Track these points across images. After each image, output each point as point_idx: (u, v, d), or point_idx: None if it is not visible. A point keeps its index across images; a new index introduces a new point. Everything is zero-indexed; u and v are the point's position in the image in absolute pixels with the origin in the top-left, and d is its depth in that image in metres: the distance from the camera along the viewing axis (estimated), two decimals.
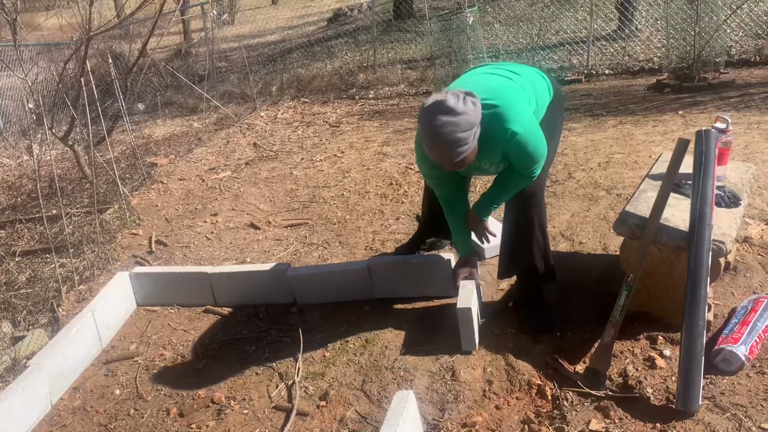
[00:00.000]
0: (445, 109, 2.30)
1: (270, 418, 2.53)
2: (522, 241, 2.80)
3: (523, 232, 2.78)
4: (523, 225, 2.78)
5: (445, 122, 2.29)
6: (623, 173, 4.41)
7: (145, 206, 5.08)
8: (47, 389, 2.72)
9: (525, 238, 2.79)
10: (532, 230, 2.76)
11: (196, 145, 6.92)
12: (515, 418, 2.37)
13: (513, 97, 2.53)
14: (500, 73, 2.71)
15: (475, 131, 2.36)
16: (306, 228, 4.28)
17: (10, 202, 5.63)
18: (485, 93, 2.47)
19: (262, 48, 13.50)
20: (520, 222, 2.79)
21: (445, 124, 2.29)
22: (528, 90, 2.66)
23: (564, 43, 8.82)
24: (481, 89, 2.49)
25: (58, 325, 3.33)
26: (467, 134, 2.32)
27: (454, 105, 2.30)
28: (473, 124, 2.33)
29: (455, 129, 2.29)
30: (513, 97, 2.53)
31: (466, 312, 2.65)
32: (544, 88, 2.79)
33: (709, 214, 2.36)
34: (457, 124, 2.29)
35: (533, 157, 2.55)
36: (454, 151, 2.33)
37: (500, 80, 2.66)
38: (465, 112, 2.30)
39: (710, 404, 2.27)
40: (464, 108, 2.31)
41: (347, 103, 8.28)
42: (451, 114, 2.29)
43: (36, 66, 7.91)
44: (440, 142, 2.33)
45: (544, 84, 2.81)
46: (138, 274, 3.46)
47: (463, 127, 2.30)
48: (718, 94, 6.28)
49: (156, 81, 9.98)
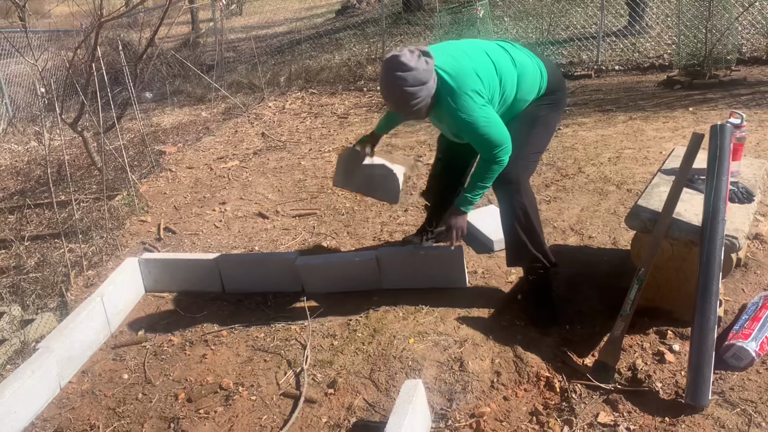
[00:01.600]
0: (397, 64, 2.47)
1: (278, 404, 2.54)
2: (510, 230, 2.82)
3: (509, 220, 2.80)
4: (507, 213, 2.80)
5: (396, 76, 2.47)
6: (633, 168, 4.40)
7: (154, 194, 5.09)
8: (56, 372, 2.73)
9: (510, 225, 2.80)
10: (515, 217, 2.77)
11: (205, 134, 6.92)
12: (523, 409, 2.38)
13: (468, 84, 2.58)
14: (494, 54, 2.73)
15: (426, 87, 2.51)
16: (314, 218, 4.28)
17: (19, 188, 5.64)
18: (451, 69, 2.60)
19: (271, 39, 13.48)
20: (504, 210, 2.82)
21: (396, 78, 2.47)
22: (507, 81, 2.70)
23: (574, 39, 8.79)
24: (450, 63, 2.62)
25: (67, 310, 3.35)
26: (415, 89, 2.48)
27: (406, 60, 2.46)
28: (421, 80, 2.48)
29: (404, 83, 2.46)
30: (469, 83, 2.58)
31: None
32: (534, 84, 2.81)
33: (722, 209, 2.36)
34: (404, 79, 2.45)
35: (488, 141, 2.61)
36: (403, 103, 2.53)
37: (479, 62, 2.67)
38: (415, 68, 2.46)
39: (720, 399, 2.26)
40: (416, 64, 2.46)
41: (355, 95, 8.26)
42: (402, 69, 2.46)
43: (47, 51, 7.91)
44: (391, 94, 2.55)
45: (536, 79, 2.81)
46: (147, 260, 3.46)
47: (411, 83, 2.46)
48: (728, 91, 6.25)
49: (164, 70, 9.98)
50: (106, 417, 2.57)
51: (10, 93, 8.45)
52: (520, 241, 2.80)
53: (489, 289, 3.16)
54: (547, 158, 4.80)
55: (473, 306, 3.00)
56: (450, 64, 2.62)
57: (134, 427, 2.49)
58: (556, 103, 2.92)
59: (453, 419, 2.34)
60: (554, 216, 3.83)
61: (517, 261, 2.94)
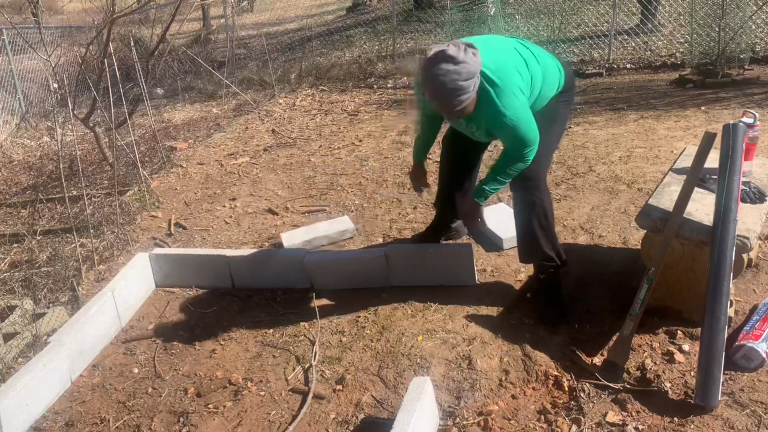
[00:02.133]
0: (446, 57, 2.36)
1: (286, 400, 2.55)
2: (526, 226, 2.81)
3: (526, 217, 2.79)
4: (524, 209, 2.78)
5: (447, 70, 2.34)
6: (644, 167, 4.38)
7: (165, 189, 5.12)
8: (67, 365, 2.76)
9: (527, 221, 2.79)
10: (533, 214, 2.75)
11: (215, 130, 6.95)
12: (531, 408, 2.37)
13: (513, 80, 2.54)
14: (521, 52, 2.70)
15: (474, 81, 2.40)
16: (323, 215, 4.29)
17: (31, 182, 5.69)
18: (492, 64, 2.51)
19: (281, 36, 13.50)
20: (521, 206, 2.80)
21: (447, 72, 2.34)
22: (536, 78, 2.67)
23: (585, 37, 8.75)
24: (491, 58, 2.53)
25: (78, 304, 3.37)
26: (468, 83, 2.37)
27: (455, 54, 2.35)
28: (473, 73, 2.38)
29: (457, 77, 2.34)
30: (513, 79, 2.54)
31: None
32: (555, 81, 2.80)
33: (734, 209, 2.34)
34: (458, 72, 2.34)
35: (523, 140, 2.56)
36: (455, 99, 2.39)
37: (515, 59, 2.65)
38: (465, 61, 2.35)
39: (729, 400, 2.25)
40: (465, 57, 2.36)
41: (365, 92, 8.27)
42: (453, 62, 2.34)
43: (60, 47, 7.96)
44: (442, 90, 2.38)
45: (556, 77, 2.80)
46: (157, 255, 3.48)
47: (464, 76, 2.35)
48: (741, 90, 6.21)
49: (176, 66, 10.02)
50: (116, 411, 2.59)
51: (23, 88, 8.51)
52: (535, 238, 2.79)
53: (498, 288, 3.16)
54: (558, 156, 4.79)
55: (482, 304, 3.00)
56: (489, 59, 2.52)
57: (144, 421, 2.51)
58: (569, 101, 2.93)
59: (461, 417, 2.35)
60: (564, 215, 3.81)
61: (531, 258, 2.94)
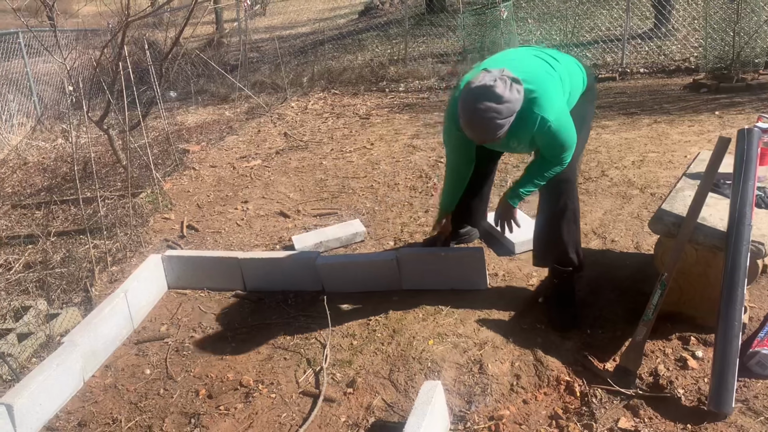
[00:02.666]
0: (491, 95, 2.32)
1: (297, 402, 2.55)
2: (554, 227, 2.78)
3: (556, 218, 2.77)
4: (556, 211, 2.76)
5: (489, 108, 2.32)
6: (657, 172, 4.35)
7: (177, 191, 5.15)
8: (80, 366, 2.78)
9: (557, 223, 2.77)
10: (564, 216, 2.74)
11: (228, 133, 6.99)
12: (543, 413, 2.36)
13: (550, 85, 2.52)
14: (543, 57, 2.70)
15: (513, 113, 2.38)
16: (335, 218, 4.30)
17: (45, 184, 5.74)
18: (524, 75, 2.48)
19: (294, 39, 13.56)
20: (553, 208, 2.77)
21: (489, 110, 2.32)
22: (565, 79, 2.66)
23: (598, 41, 8.72)
24: (521, 70, 2.50)
25: (91, 305, 3.40)
26: (507, 120, 2.37)
27: (501, 92, 2.32)
28: (514, 111, 2.37)
29: (497, 116, 2.33)
30: (550, 84, 2.53)
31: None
32: (579, 79, 2.80)
33: (748, 214, 2.32)
34: (499, 111, 2.32)
35: (563, 145, 2.56)
36: (490, 134, 2.40)
37: (541, 65, 2.64)
38: (509, 100, 2.33)
39: (743, 407, 2.23)
40: (509, 96, 2.33)
41: (377, 96, 8.28)
42: (497, 101, 2.32)
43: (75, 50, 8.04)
44: (480, 126, 2.38)
45: (580, 75, 2.80)
46: (170, 257, 3.50)
47: (504, 115, 2.34)
48: (756, 95, 6.16)
49: (189, 69, 10.08)
50: (128, 411, 2.60)
51: (38, 91, 8.60)
52: (562, 241, 2.77)
53: (510, 292, 3.15)
54: None
55: (494, 308, 2.99)
56: (520, 69, 2.50)
57: (155, 422, 2.52)
58: (593, 99, 2.92)
59: (472, 421, 2.34)
60: None
61: (548, 260, 2.92)
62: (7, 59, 8.13)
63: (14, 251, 4.20)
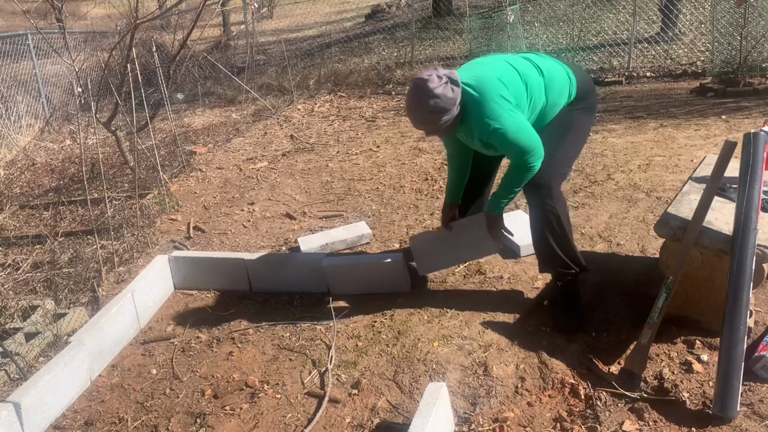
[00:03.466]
0: (423, 89, 2.54)
1: (302, 403, 2.56)
2: (539, 235, 2.81)
3: (538, 225, 2.79)
4: (537, 216, 2.78)
5: (419, 101, 2.56)
6: (663, 176, 4.35)
7: (184, 193, 5.17)
8: (87, 365, 2.80)
9: (540, 230, 2.79)
10: (546, 221, 2.75)
11: (234, 135, 7.02)
12: (547, 415, 2.37)
13: (493, 90, 2.61)
14: (516, 64, 2.76)
15: (448, 112, 2.57)
16: (341, 220, 4.31)
17: (53, 185, 5.78)
18: (475, 80, 2.65)
19: (300, 42, 13.60)
20: (534, 214, 2.79)
21: (419, 102, 2.57)
22: (534, 89, 2.71)
23: (605, 45, 8.71)
24: (475, 75, 2.68)
25: (98, 305, 3.42)
26: (436, 116, 2.57)
27: (433, 87, 2.53)
28: (444, 109, 2.56)
29: (425, 108, 2.56)
30: (494, 89, 2.61)
31: None
32: (564, 89, 2.80)
33: (754, 218, 2.32)
34: (427, 105, 2.54)
35: (521, 149, 2.61)
36: (420, 123, 2.65)
37: (502, 70, 2.71)
38: (439, 96, 2.53)
39: (748, 411, 2.23)
40: (441, 92, 2.53)
41: (383, 99, 8.30)
42: (426, 95, 2.53)
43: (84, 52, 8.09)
44: (412, 115, 2.66)
45: (565, 84, 2.80)
46: (176, 257, 3.52)
47: (431, 109, 2.54)
48: (763, 99, 6.15)
49: (196, 72, 10.13)
50: (134, 410, 2.62)
51: (46, 92, 8.65)
52: (551, 247, 2.79)
53: (515, 295, 3.15)
54: (576, 164, 4.77)
55: (499, 311, 2.99)
56: (471, 77, 2.67)
57: (161, 422, 2.53)
58: (588, 108, 2.91)
59: (476, 423, 2.34)
60: (582, 222, 3.80)
61: (548, 266, 2.93)
62: (16, 61, 8.18)
63: (22, 251, 4.23)
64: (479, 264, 3.44)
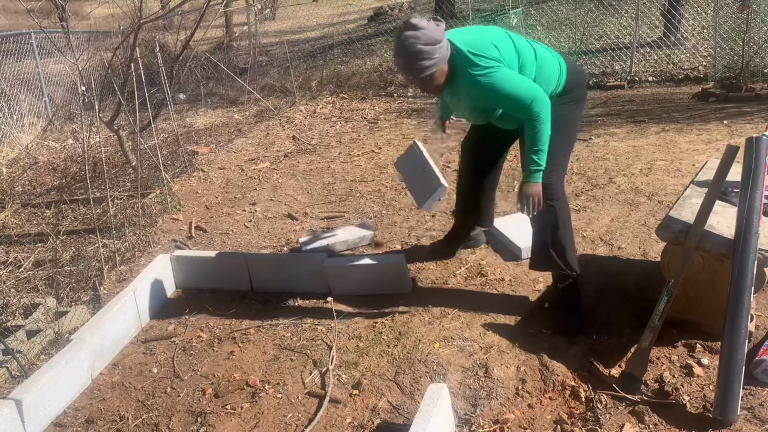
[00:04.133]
0: (409, 25, 2.55)
1: (303, 403, 2.56)
2: (538, 233, 2.83)
3: (539, 224, 2.81)
4: (539, 216, 2.78)
5: (408, 35, 2.53)
6: (665, 180, 4.36)
7: (186, 193, 5.18)
8: (89, 363, 2.80)
9: (541, 229, 2.80)
10: (547, 221, 2.76)
11: (237, 135, 7.03)
12: (548, 417, 2.37)
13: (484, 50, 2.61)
14: (514, 38, 2.76)
15: (438, 48, 2.53)
16: (342, 221, 4.32)
17: (55, 184, 5.78)
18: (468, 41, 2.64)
19: (303, 44, 13.61)
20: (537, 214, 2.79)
21: (408, 37, 2.52)
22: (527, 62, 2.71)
23: (607, 49, 8.72)
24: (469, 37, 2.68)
25: (100, 303, 3.42)
26: (428, 48, 2.52)
27: (416, 22, 2.54)
28: (435, 40, 2.52)
29: (416, 41, 2.51)
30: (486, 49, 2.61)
31: None
32: (553, 75, 2.78)
33: (756, 222, 2.33)
34: (418, 37, 2.51)
35: (517, 100, 2.58)
36: (417, 63, 2.54)
37: (499, 37, 2.71)
38: (426, 27, 2.53)
39: (749, 415, 2.23)
40: (426, 24, 2.54)
41: (385, 101, 8.31)
42: (414, 29, 2.52)
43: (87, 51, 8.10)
44: (404, 54, 2.55)
45: (555, 71, 2.79)
46: (178, 257, 3.53)
47: (423, 40, 2.51)
48: (765, 104, 6.16)
49: (199, 72, 10.14)
50: (135, 409, 2.62)
51: (49, 92, 8.66)
52: (546, 248, 2.80)
53: (516, 297, 3.16)
54: (578, 168, 4.78)
55: (500, 313, 3.00)
56: (464, 38, 2.67)
57: (162, 420, 2.54)
58: (576, 101, 2.90)
59: (477, 425, 2.35)
60: (584, 226, 3.81)
61: (540, 265, 2.94)
62: (19, 60, 8.20)
63: (24, 249, 4.24)
64: (481, 266, 3.45)
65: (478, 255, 3.58)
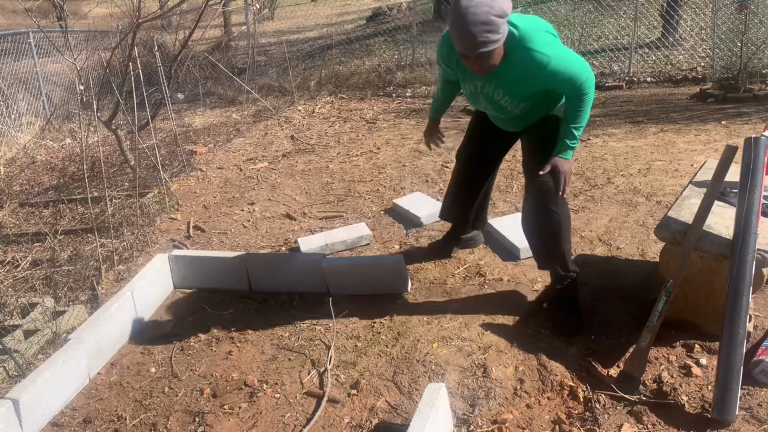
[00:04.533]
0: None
1: (301, 403, 2.56)
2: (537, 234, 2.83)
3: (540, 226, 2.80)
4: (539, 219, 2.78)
5: (481, 2, 2.27)
6: (663, 180, 4.36)
7: (184, 192, 5.18)
8: (86, 363, 2.79)
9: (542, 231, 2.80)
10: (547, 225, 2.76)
11: (235, 135, 7.02)
12: (546, 417, 2.37)
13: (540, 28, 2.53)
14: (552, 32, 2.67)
15: (504, 24, 2.34)
16: (340, 221, 4.31)
17: (53, 183, 5.77)
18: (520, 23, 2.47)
19: (301, 44, 13.60)
20: (536, 216, 2.79)
21: (481, 5, 2.27)
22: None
23: (605, 50, 8.73)
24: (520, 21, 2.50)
25: (98, 303, 3.42)
26: (498, 20, 2.30)
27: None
28: (505, 12, 2.32)
29: (490, 10, 2.27)
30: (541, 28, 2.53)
31: None
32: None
33: (754, 223, 2.33)
34: (491, 6, 2.27)
35: (571, 75, 2.49)
36: (483, 35, 2.30)
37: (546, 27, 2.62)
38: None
39: (747, 415, 2.23)
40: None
41: (384, 101, 8.31)
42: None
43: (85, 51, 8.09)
44: (473, 22, 2.28)
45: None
46: (176, 256, 3.52)
47: (496, 11, 2.28)
48: (763, 105, 6.17)
49: (197, 72, 10.13)
50: (132, 408, 2.61)
51: (47, 91, 8.65)
52: (544, 247, 2.80)
53: (514, 297, 3.15)
54: (577, 168, 4.78)
55: (498, 313, 3.00)
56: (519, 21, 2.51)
57: (160, 420, 2.53)
58: None
59: (475, 425, 2.35)
60: (582, 226, 3.81)
61: (546, 264, 2.94)
62: (17, 59, 8.18)
63: (22, 249, 4.23)
64: (479, 266, 3.45)
65: (477, 255, 3.58)
